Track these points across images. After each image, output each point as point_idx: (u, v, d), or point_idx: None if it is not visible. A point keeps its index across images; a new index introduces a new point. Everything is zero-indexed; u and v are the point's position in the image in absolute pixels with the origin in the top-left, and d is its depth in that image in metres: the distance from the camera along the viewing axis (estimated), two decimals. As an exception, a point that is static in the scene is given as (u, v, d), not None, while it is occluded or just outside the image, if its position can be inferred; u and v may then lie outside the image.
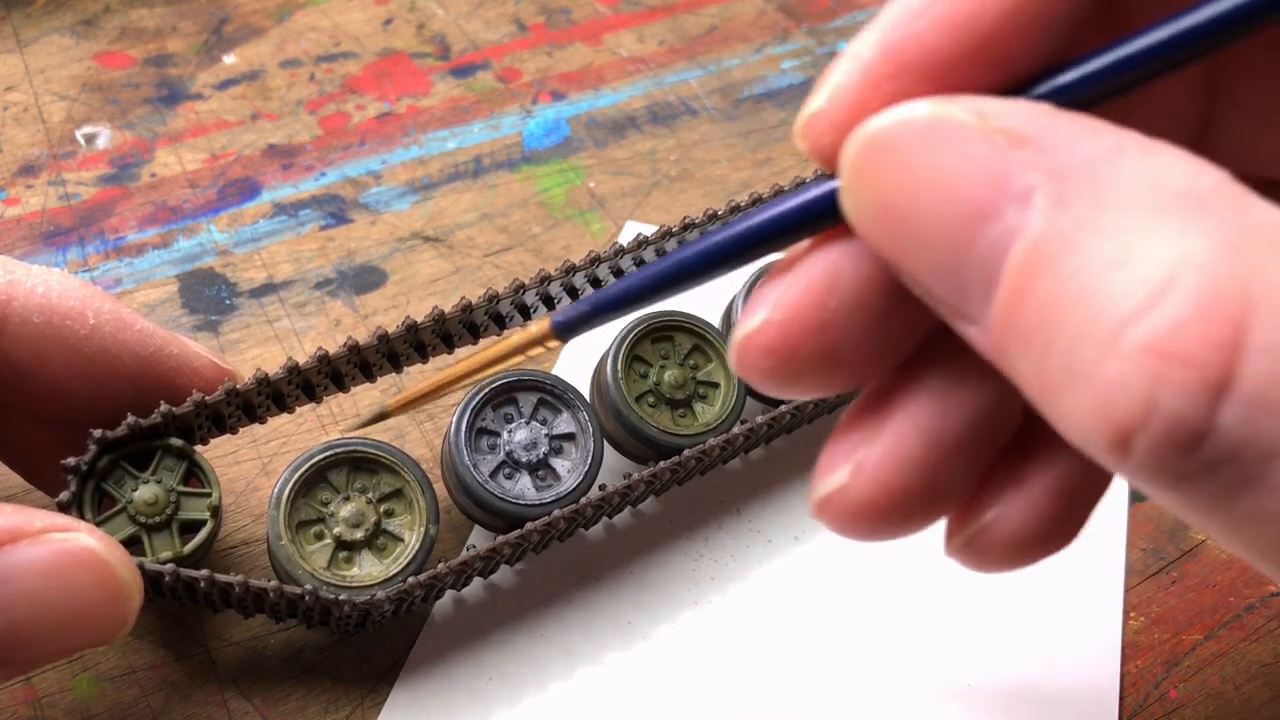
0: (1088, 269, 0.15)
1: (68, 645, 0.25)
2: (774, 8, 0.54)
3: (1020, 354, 0.16)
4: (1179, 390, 0.14)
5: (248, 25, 0.50)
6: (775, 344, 0.19)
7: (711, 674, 0.32)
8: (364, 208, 0.43)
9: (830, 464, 0.20)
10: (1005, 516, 0.20)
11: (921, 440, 0.19)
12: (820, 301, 0.19)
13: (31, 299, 0.28)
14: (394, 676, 0.31)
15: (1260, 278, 0.15)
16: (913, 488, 0.19)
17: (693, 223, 0.34)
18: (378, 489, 0.31)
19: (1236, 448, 0.14)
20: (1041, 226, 0.16)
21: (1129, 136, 0.16)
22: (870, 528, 0.20)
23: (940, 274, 0.17)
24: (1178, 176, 0.16)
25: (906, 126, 0.17)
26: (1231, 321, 0.14)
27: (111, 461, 0.29)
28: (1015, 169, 0.16)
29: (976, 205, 0.16)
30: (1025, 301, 0.16)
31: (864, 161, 0.18)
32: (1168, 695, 0.32)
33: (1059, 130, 0.16)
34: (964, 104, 0.17)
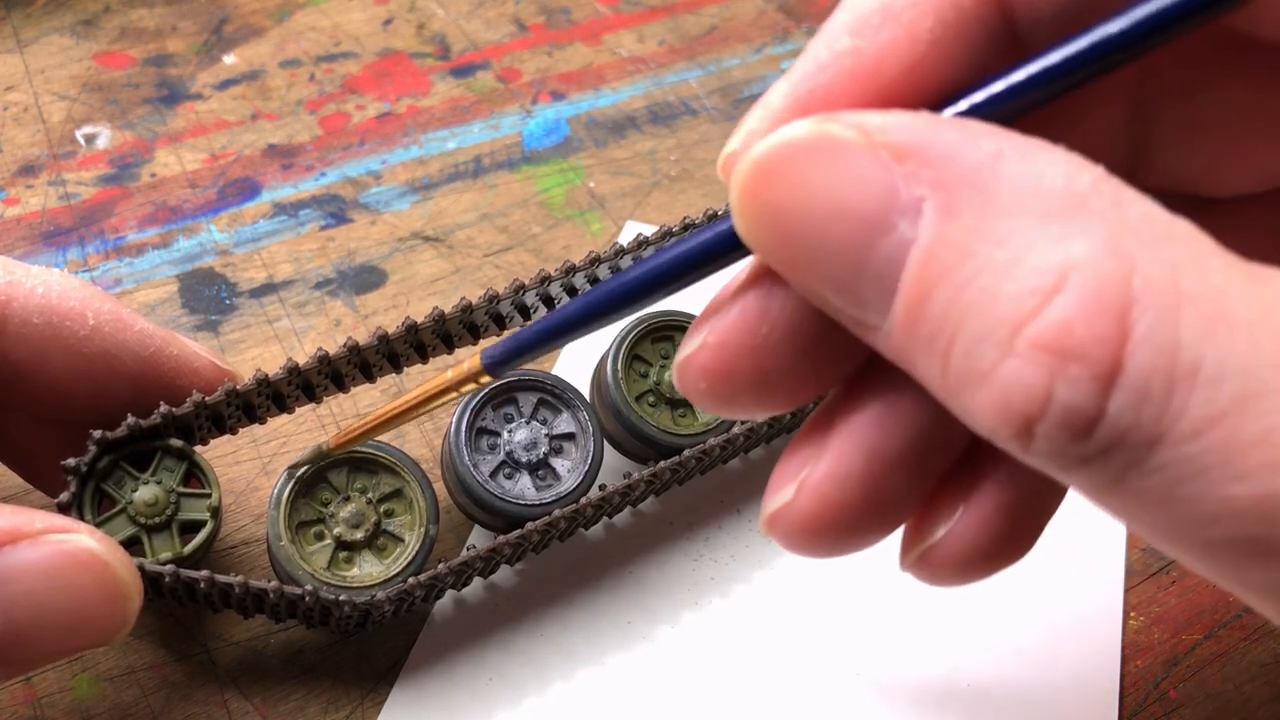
0: (980, 275, 0.16)
1: (68, 646, 0.25)
2: (774, 8, 0.54)
3: (924, 358, 0.17)
4: (1071, 383, 0.15)
5: (248, 25, 0.50)
6: (711, 366, 0.20)
7: (712, 674, 0.32)
8: (364, 208, 0.43)
9: (778, 482, 0.21)
10: (956, 533, 0.21)
11: (862, 456, 0.20)
12: (753, 328, 0.20)
13: (31, 299, 0.28)
14: (394, 676, 0.31)
15: (1140, 272, 0.16)
16: (855, 503, 0.20)
17: (693, 223, 0.34)
18: (378, 489, 0.31)
19: (1123, 433, 0.15)
20: (932, 237, 0.16)
21: (1007, 140, 0.17)
22: (816, 543, 0.21)
23: (838, 288, 0.18)
24: (1057, 177, 0.16)
25: (789, 146, 0.18)
26: (1116, 316, 0.15)
27: (111, 462, 0.29)
28: (901, 182, 0.17)
29: (868, 220, 0.17)
30: (924, 310, 0.17)
31: (751, 183, 0.18)
32: (1168, 695, 0.32)
33: (942, 139, 0.17)
34: (846, 120, 0.18)
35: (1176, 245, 0.16)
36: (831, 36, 0.19)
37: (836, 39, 0.19)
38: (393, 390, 0.37)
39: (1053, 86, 0.18)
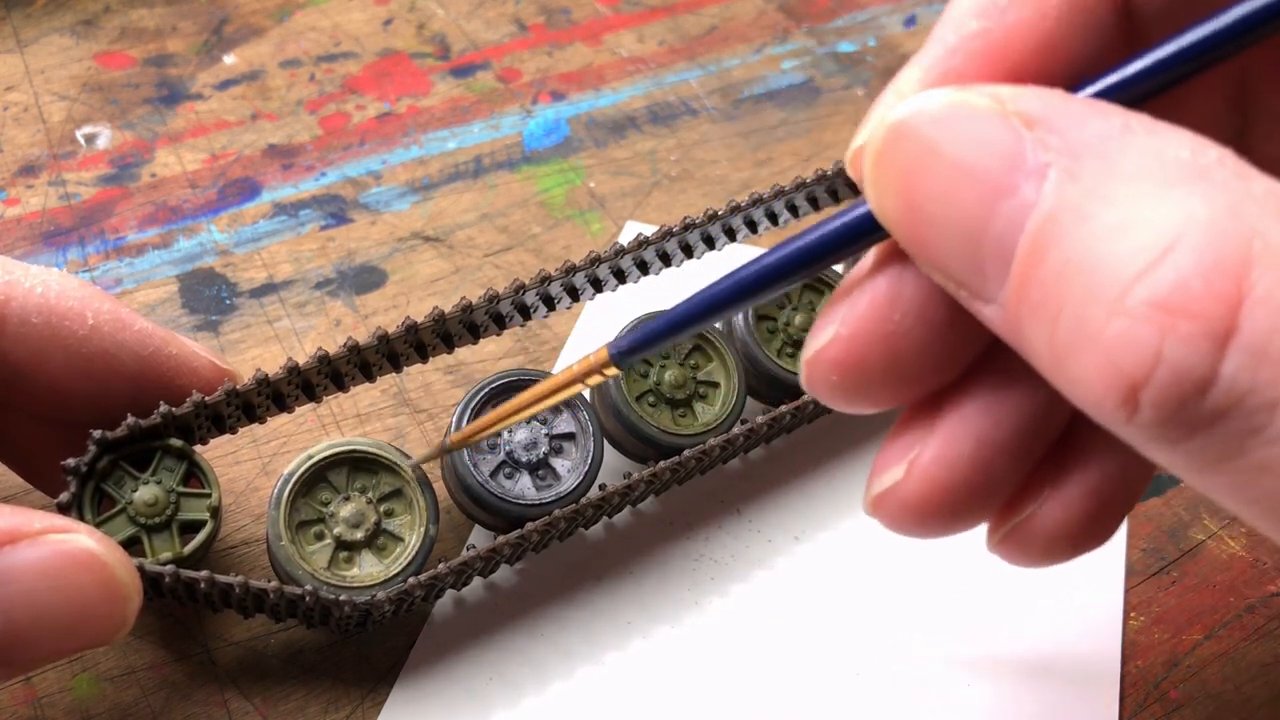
0: (1096, 236, 0.16)
1: (67, 646, 0.25)
2: (774, 8, 0.54)
3: (1033, 326, 0.17)
4: (1183, 341, 0.15)
5: (248, 25, 0.50)
6: (844, 358, 0.20)
7: (712, 674, 0.32)
8: (364, 208, 0.43)
9: (885, 463, 0.21)
10: (1043, 513, 0.21)
11: (972, 441, 0.20)
12: (885, 315, 0.20)
13: (30, 299, 0.28)
14: (394, 676, 0.31)
15: (1261, 236, 0.15)
16: (962, 485, 0.20)
17: (693, 223, 0.34)
18: (378, 489, 0.31)
19: (1240, 397, 0.15)
20: (1054, 199, 0.16)
21: (1135, 116, 0.17)
22: (921, 523, 0.21)
23: (960, 255, 0.18)
24: (1183, 150, 0.16)
25: (925, 113, 0.18)
26: (1233, 276, 0.15)
27: (111, 462, 0.29)
28: (1030, 147, 0.17)
29: (993, 183, 0.17)
30: (1037, 272, 0.16)
31: (885, 149, 0.18)
32: (1168, 695, 0.32)
33: (1070, 111, 0.17)
34: (980, 90, 0.18)
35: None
36: (958, 20, 0.19)
37: (963, 22, 0.19)
38: (393, 390, 0.37)
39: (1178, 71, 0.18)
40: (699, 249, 0.36)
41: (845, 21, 0.54)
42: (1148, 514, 0.36)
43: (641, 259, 0.34)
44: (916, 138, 0.18)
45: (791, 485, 0.36)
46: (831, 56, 0.52)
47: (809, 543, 0.35)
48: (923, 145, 0.18)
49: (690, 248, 0.35)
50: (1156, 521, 0.36)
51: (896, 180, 0.18)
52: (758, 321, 0.36)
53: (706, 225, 0.35)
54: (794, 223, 0.38)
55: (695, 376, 0.35)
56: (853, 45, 0.52)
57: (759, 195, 0.36)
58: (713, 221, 0.35)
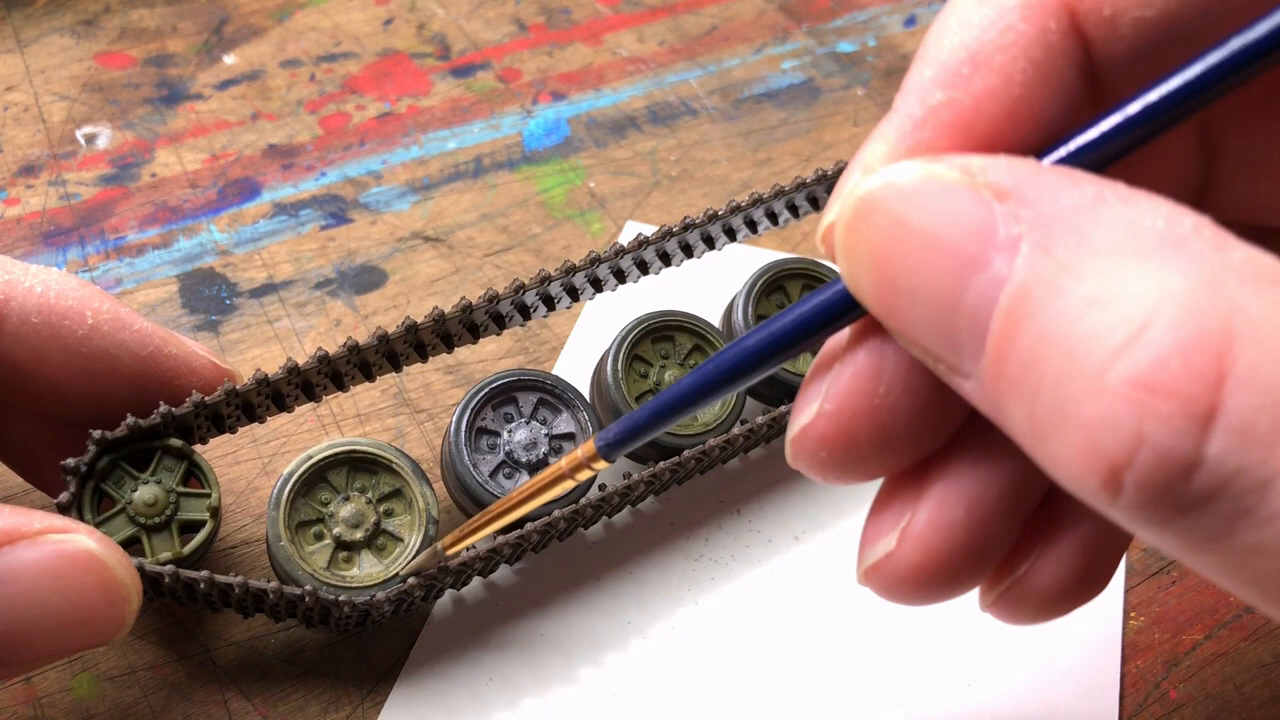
0: (1071, 311, 0.15)
1: (67, 646, 0.25)
2: (774, 8, 0.54)
3: (1011, 402, 0.16)
4: (1164, 422, 0.14)
5: (248, 25, 0.50)
6: (831, 433, 0.20)
7: (711, 674, 0.32)
8: (364, 208, 0.43)
9: (875, 534, 0.21)
10: (1036, 572, 0.21)
11: (964, 504, 0.20)
12: (870, 388, 0.19)
13: (30, 299, 0.28)
14: (394, 676, 0.31)
15: (1241, 311, 0.15)
16: (958, 549, 0.20)
17: (693, 223, 0.34)
18: (377, 489, 0.31)
19: (1227, 478, 0.14)
20: (1026, 273, 0.16)
21: (1109, 186, 0.16)
22: (917, 591, 0.21)
23: (935, 329, 0.17)
24: (1158, 220, 0.16)
25: (894, 186, 0.18)
26: (1214, 353, 0.14)
27: (111, 462, 0.29)
28: (1001, 220, 0.16)
29: (965, 256, 0.17)
30: (1013, 347, 0.16)
31: (855, 222, 0.18)
32: (1168, 695, 0.32)
33: (1042, 182, 0.17)
34: (950, 161, 0.17)
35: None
36: (922, 91, 0.19)
37: (928, 93, 0.19)
38: (393, 390, 0.37)
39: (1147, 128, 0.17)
40: (699, 249, 0.36)
41: (845, 21, 0.54)
42: (1148, 514, 0.36)
43: (641, 259, 0.34)
44: (886, 211, 0.18)
45: (791, 485, 0.36)
46: (831, 56, 0.52)
47: (809, 543, 0.35)
48: (893, 219, 0.17)
49: (690, 248, 0.35)
50: (1156, 521, 0.36)
51: (868, 255, 0.18)
52: (758, 322, 0.36)
53: (706, 225, 0.35)
54: (794, 222, 0.38)
55: (695, 376, 0.35)
56: (853, 45, 0.52)
57: (759, 195, 0.36)
58: (713, 221, 0.35)
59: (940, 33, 0.19)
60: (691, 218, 0.34)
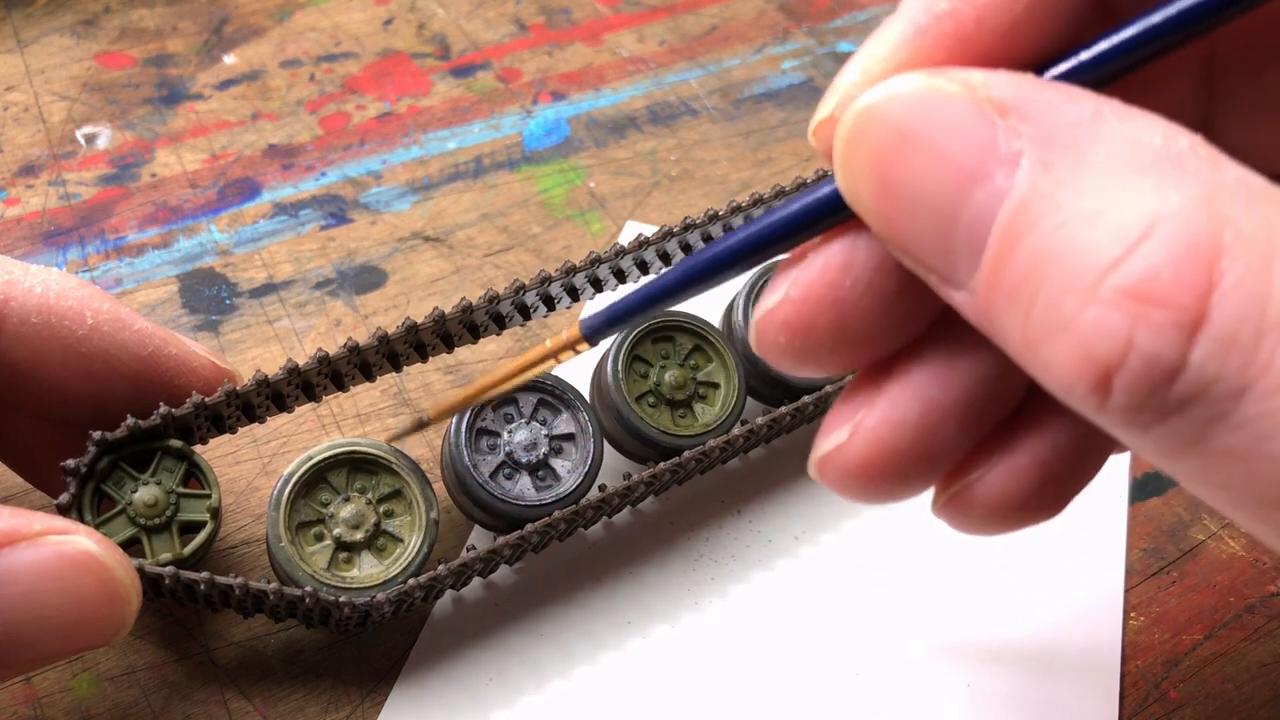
0: (1069, 224, 0.16)
1: (66, 647, 0.25)
2: (774, 8, 0.54)
3: (1006, 313, 0.17)
4: (1154, 329, 0.15)
5: (248, 25, 0.50)
6: (793, 320, 0.20)
7: (711, 674, 0.32)
8: (364, 208, 0.43)
9: (830, 426, 0.21)
10: (989, 479, 0.21)
11: (918, 405, 0.20)
12: (836, 280, 0.20)
13: (30, 299, 0.28)
14: (394, 676, 0.31)
15: (1232, 225, 0.15)
16: (907, 449, 0.21)
17: (693, 223, 0.34)
18: (377, 490, 0.31)
19: (1207, 384, 0.15)
20: (1026, 187, 0.17)
21: (1107, 103, 0.17)
22: (865, 486, 0.21)
23: (931, 240, 0.18)
24: (1155, 137, 0.16)
25: (897, 98, 0.18)
26: (1204, 265, 0.15)
27: (111, 463, 0.29)
28: (1002, 135, 0.17)
29: (965, 170, 0.17)
30: (1011, 260, 0.17)
31: (856, 133, 0.18)
32: (1168, 695, 0.32)
33: (1043, 98, 0.17)
34: (951, 75, 0.18)
35: (1273, 206, 0.16)
36: None
37: (934, 1, 0.19)
38: (393, 389, 0.37)
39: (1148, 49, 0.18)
40: (699, 249, 0.36)
41: (845, 21, 0.54)
42: (1148, 514, 0.36)
43: (642, 259, 0.34)
44: (888, 123, 0.18)
45: (792, 485, 0.36)
46: (831, 56, 0.52)
47: (809, 543, 0.35)
48: (894, 131, 0.18)
49: (690, 248, 0.35)
50: (1156, 521, 0.36)
51: (867, 165, 0.18)
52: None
53: (707, 225, 0.35)
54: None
55: (695, 377, 0.35)
56: (853, 45, 0.52)
57: (759, 195, 0.36)
58: (713, 222, 0.35)
59: None
60: (692, 218, 0.34)
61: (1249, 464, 0.15)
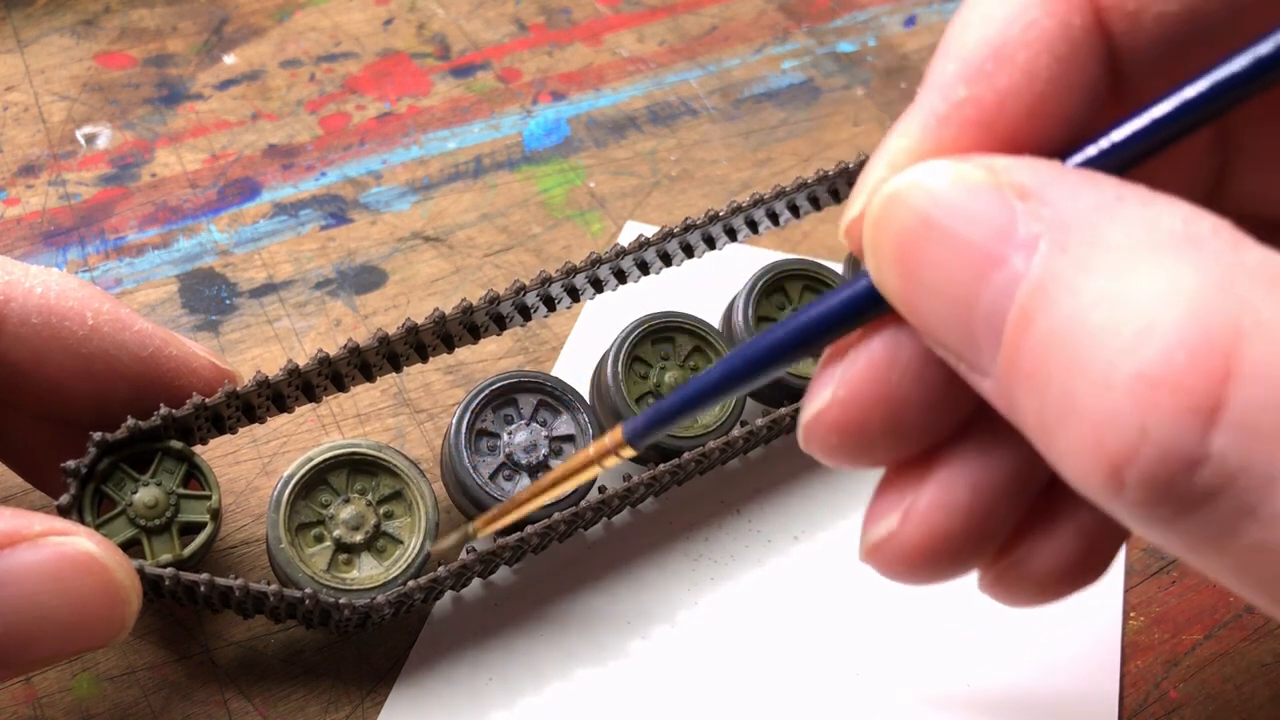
0: (1083, 307, 0.15)
1: (66, 648, 0.25)
2: (774, 8, 0.54)
3: (1024, 399, 0.17)
4: (1168, 417, 0.14)
5: (248, 25, 0.50)
6: (843, 420, 0.20)
7: (711, 674, 0.32)
8: (364, 208, 0.43)
9: (879, 513, 0.21)
10: (1036, 553, 0.21)
11: (968, 487, 0.20)
12: (883, 376, 0.20)
13: (30, 299, 0.28)
14: (394, 676, 0.31)
15: (1251, 309, 0.15)
16: (958, 531, 0.20)
17: (693, 223, 0.34)
18: (377, 491, 0.31)
19: (1231, 476, 0.14)
20: (1041, 270, 0.16)
21: (1130, 188, 0.17)
22: (918, 569, 0.21)
23: (954, 326, 0.18)
24: (1175, 220, 0.16)
25: (921, 184, 0.18)
26: (1221, 350, 0.14)
27: (111, 464, 0.29)
28: (1021, 219, 0.17)
29: (984, 254, 0.17)
30: (1025, 344, 0.16)
31: (882, 218, 0.18)
32: (1168, 695, 0.32)
33: (1063, 182, 0.17)
34: (975, 161, 0.18)
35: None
36: (946, 87, 0.19)
37: (952, 89, 0.19)
38: (393, 390, 0.37)
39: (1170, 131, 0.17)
40: (699, 249, 0.36)
41: (845, 21, 0.54)
42: (1148, 514, 0.36)
43: (642, 259, 0.34)
44: (912, 208, 0.18)
45: (791, 486, 0.36)
46: (831, 56, 0.52)
47: (808, 543, 0.35)
48: (918, 215, 0.18)
49: (691, 248, 0.35)
50: (1156, 522, 0.36)
51: (892, 251, 0.18)
52: (758, 323, 0.36)
53: (707, 225, 0.35)
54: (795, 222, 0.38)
55: (695, 377, 0.35)
56: (853, 45, 0.52)
57: (759, 195, 0.36)
58: (713, 222, 0.35)
59: (963, 26, 0.19)
60: (692, 218, 0.34)
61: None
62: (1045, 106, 0.19)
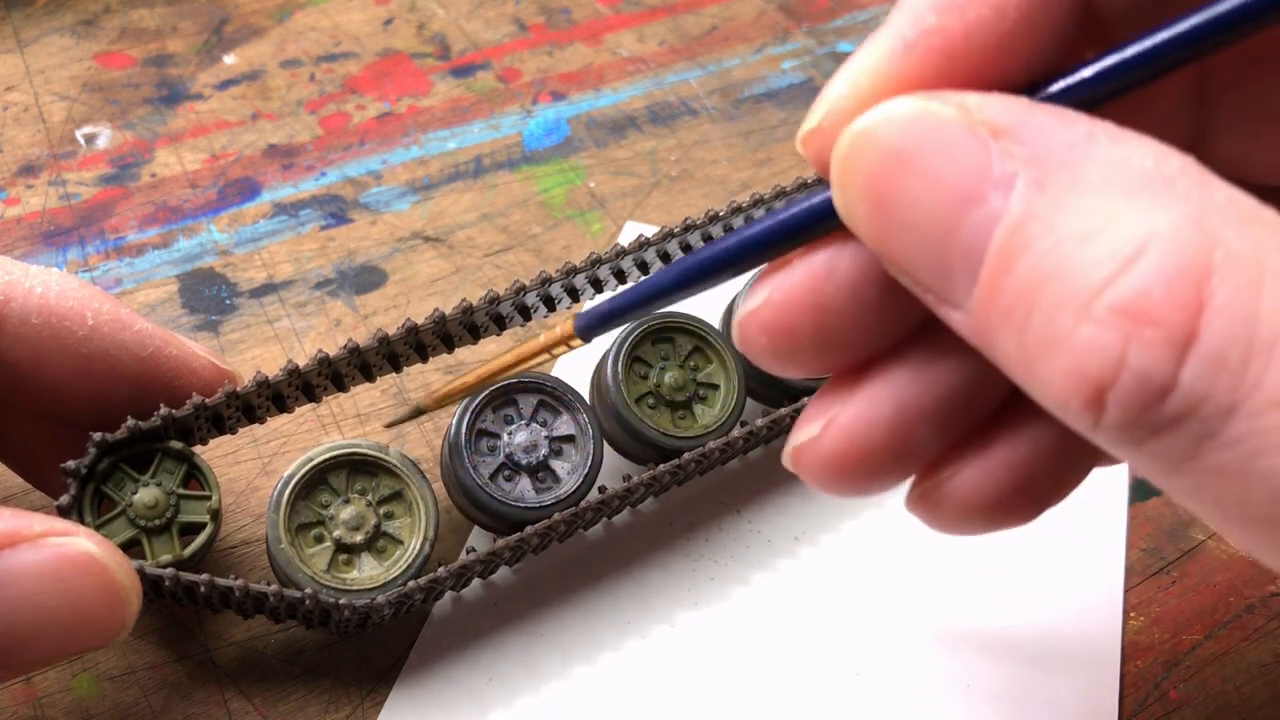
0: (1064, 244, 0.16)
1: (66, 649, 0.25)
2: (774, 8, 0.54)
3: (1002, 332, 0.17)
4: (1146, 347, 0.16)
5: (248, 25, 0.50)
6: (774, 322, 0.21)
7: (711, 674, 0.32)
8: (364, 208, 0.43)
9: (806, 420, 0.22)
10: (961, 478, 0.22)
11: (892, 405, 0.21)
12: (818, 286, 0.20)
13: (30, 299, 0.28)
14: (394, 676, 0.31)
15: (1222, 245, 0.16)
16: (878, 446, 0.21)
17: (693, 223, 0.34)
18: (377, 491, 0.31)
19: (1197, 402, 0.15)
20: (1021, 209, 0.17)
21: (1100, 125, 0.17)
22: (836, 479, 0.22)
23: (927, 261, 0.18)
24: (1146, 159, 0.17)
25: (892, 120, 0.18)
26: (1195, 284, 0.15)
27: (111, 464, 0.29)
28: (997, 157, 0.17)
29: (961, 191, 0.17)
30: (1006, 279, 0.17)
31: (852, 155, 0.19)
32: (1168, 695, 0.32)
33: (1036, 120, 0.17)
34: (946, 98, 0.18)
35: (1261, 227, 0.16)
36: (916, 14, 0.19)
37: (921, 17, 0.19)
38: (393, 390, 0.37)
39: (1143, 72, 0.18)
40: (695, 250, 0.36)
41: (845, 21, 0.54)
42: (1147, 514, 0.36)
43: (642, 259, 0.34)
44: (883, 146, 0.18)
45: (791, 486, 0.36)
46: (831, 56, 0.52)
47: (809, 543, 0.35)
48: (889, 154, 0.18)
49: (691, 248, 0.35)
50: (1156, 521, 0.36)
51: (864, 187, 0.18)
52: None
53: (707, 225, 0.35)
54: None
55: (695, 378, 0.35)
56: (852, 45, 0.52)
57: (759, 195, 0.36)
58: (713, 222, 0.35)
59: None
60: (692, 218, 0.34)
61: (1239, 481, 0.16)
62: (1013, 42, 0.19)
